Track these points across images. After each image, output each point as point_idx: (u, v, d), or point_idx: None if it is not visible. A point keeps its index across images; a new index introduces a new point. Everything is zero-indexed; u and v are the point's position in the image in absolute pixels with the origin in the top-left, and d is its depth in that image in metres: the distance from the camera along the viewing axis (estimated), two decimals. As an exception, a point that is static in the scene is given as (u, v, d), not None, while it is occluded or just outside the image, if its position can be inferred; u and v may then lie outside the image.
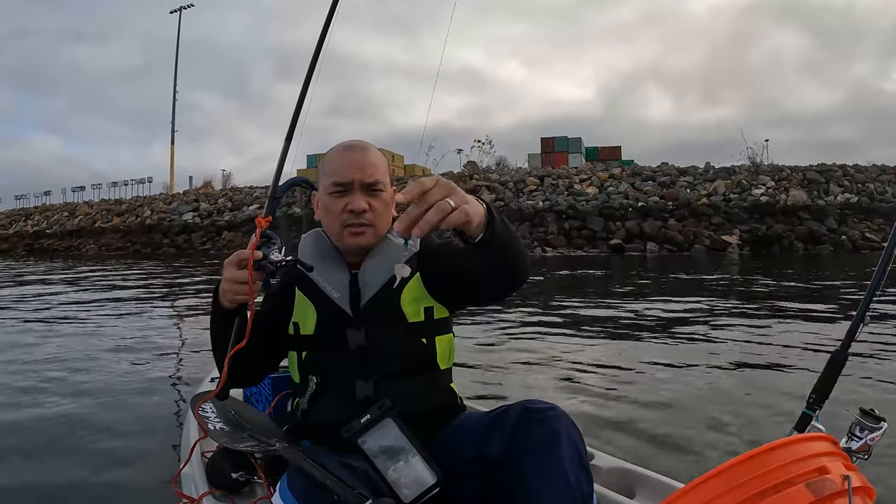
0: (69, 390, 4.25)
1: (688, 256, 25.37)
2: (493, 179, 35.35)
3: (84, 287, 13.56)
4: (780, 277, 14.10)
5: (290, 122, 1.83)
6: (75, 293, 12.15)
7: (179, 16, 60.56)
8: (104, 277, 16.88)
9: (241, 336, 1.54)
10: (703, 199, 30.89)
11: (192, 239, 36.57)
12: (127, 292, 12.32)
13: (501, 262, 1.43)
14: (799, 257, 23.88)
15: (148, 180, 51.73)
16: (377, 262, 1.67)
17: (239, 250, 1.55)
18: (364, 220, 1.64)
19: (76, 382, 4.49)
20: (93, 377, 4.66)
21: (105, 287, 13.51)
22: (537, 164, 43.15)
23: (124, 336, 6.74)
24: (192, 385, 4.18)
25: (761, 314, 7.99)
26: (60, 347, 5.89)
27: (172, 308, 9.99)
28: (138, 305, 9.99)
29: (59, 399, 4.03)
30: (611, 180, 33.69)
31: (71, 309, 9.35)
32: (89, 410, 3.79)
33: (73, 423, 3.54)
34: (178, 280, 15.68)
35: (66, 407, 3.85)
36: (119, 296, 11.63)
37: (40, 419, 3.61)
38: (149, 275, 18.05)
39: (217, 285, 1.61)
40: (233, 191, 42.72)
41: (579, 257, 25.24)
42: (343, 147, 1.70)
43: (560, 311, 8.73)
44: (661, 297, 10.32)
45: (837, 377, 1.48)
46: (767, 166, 34.63)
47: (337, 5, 1.91)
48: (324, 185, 1.69)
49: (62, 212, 47.79)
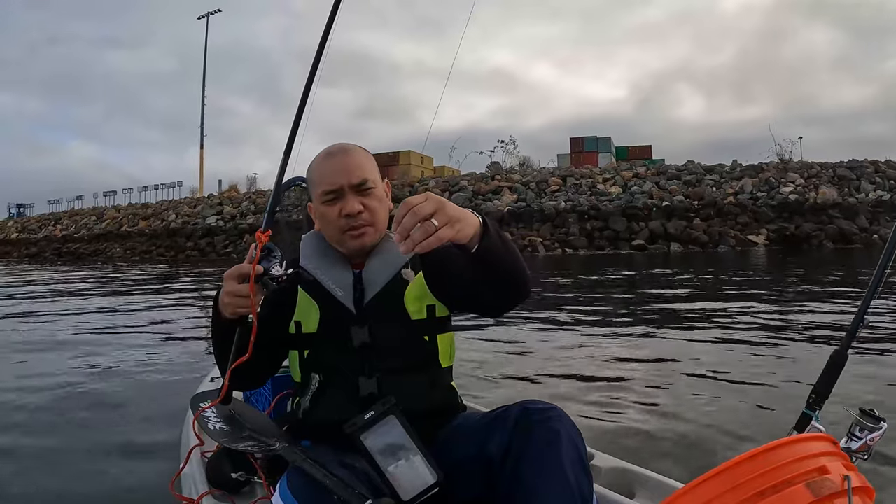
0: (67, 390, 4.33)
1: (713, 253, 25.10)
2: (515, 180, 35.18)
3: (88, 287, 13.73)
4: (797, 276, 13.94)
5: (290, 130, 1.85)
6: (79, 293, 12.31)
7: (207, 21, 61.17)
8: (112, 278, 17.09)
9: (244, 350, 1.55)
10: (729, 197, 30.36)
11: (215, 242, 36.84)
12: (127, 292, 12.48)
13: (495, 275, 1.47)
14: (828, 254, 23.46)
15: (178, 184, 52.16)
16: (380, 261, 1.68)
17: (238, 264, 1.57)
18: (362, 222, 1.65)
19: (74, 382, 4.56)
20: (92, 377, 4.75)
21: (109, 287, 13.68)
22: (566, 164, 42.90)
23: (123, 336, 6.84)
24: (191, 383, 4.22)
25: (763, 314, 7.92)
26: (58, 347, 5.97)
27: (171, 308, 10.11)
28: (137, 305, 10.12)
29: (58, 399, 4.10)
30: (635, 179, 33.27)
31: (71, 309, 9.49)
32: (88, 410, 3.85)
33: (71, 422, 3.61)
34: (182, 280, 15.84)
35: (64, 407, 3.92)
36: (117, 295, 11.77)
37: (39, 419, 3.68)
38: (156, 277, 18.29)
39: (217, 294, 1.62)
40: (256, 194, 42.93)
41: (600, 256, 25.08)
42: (324, 155, 1.72)
43: (559, 311, 8.70)
44: (660, 298, 10.29)
45: (837, 377, 1.47)
46: (797, 163, 33.88)
47: (339, 7, 1.93)
48: (316, 196, 1.70)
49: (90, 216, 48.53)
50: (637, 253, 26.63)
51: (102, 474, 2.79)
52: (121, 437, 3.31)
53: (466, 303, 1.69)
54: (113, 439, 3.28)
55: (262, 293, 1.56)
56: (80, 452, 3.08)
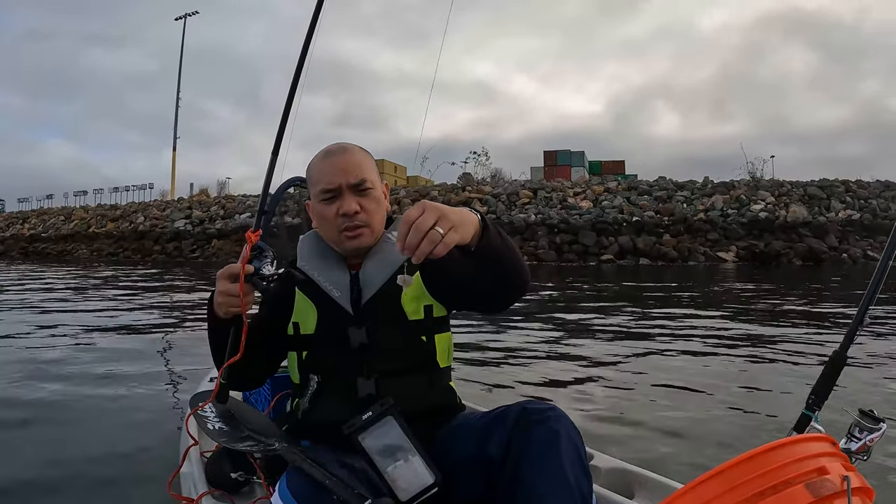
0: (65, 390, 4.23)
1: (684, 267, 25.33)
2: (485, 192, 35.26)
3: (73, 287, 13.53)
4: (779, 283, 14.14)
5: (275, 135, 1.87)
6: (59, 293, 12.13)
7: (184, 23, 60.66)
8: (99, 277, 16.86)
9: (236, 350, 1.56)
10: (700, 214, 30.63)
11: (183, 246, 36.32)
12: (122, 291, 12.31)
13: (496, 271, 1.49)
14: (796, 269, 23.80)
15: (149, 186, 51.50)
16: (377, 262, 1.69)
17: (230, 264, 1.58)
18: (358, 222, 1.66)
19: (72, 382, 4.46)
20: (90, 376, 4.64)
21: (95, 286, 13.48)
22: (539, 176, 43.10)
23: (122, 335, 6.74)
24: (191, 381, 4.18)
25: (760, 317, 8.02)
26: (54, 347, 5.86)
27: (171, 307, 9.98)
28: (135, 305, 9.98)
29: (56, 399, 4.01)
30: (606, 194, 33.48)
31: (58, 309, 9.33)
32: (86, 410, 3.78)
33: (69, 422, 3.53)
34: (174, 281, 15.67)
35: (62, 407, 3.84)
36: (113, 295, 11.60)
37: (37, 418, 3.60)
38: (145, 276, 18.05)
39: (212, 295, 1.63)
40: (226, 199, 42.48)
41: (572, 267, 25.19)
42: (323, 154, 1.73)
43: (559, 311, 8.74)
44: (658, 301, 10.37)
45: (837, 378, 1.48)
46: (767, 181, 34.34)
47: (320, 14, 1.94)
48: (314, 195, 1.71)
49: (59, 216, 47.63)
50: (606, 265, 26.80)
51: (101, 474, 2.75)
52: (120, 437, 3.25)
53: (466, 300, 1.69)
54: (112, 439, 3.22)
55: (253, 292, 1.57)
56: (79, 452, 3.02)
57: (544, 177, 42.87)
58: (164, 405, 3.89)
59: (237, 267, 1.55)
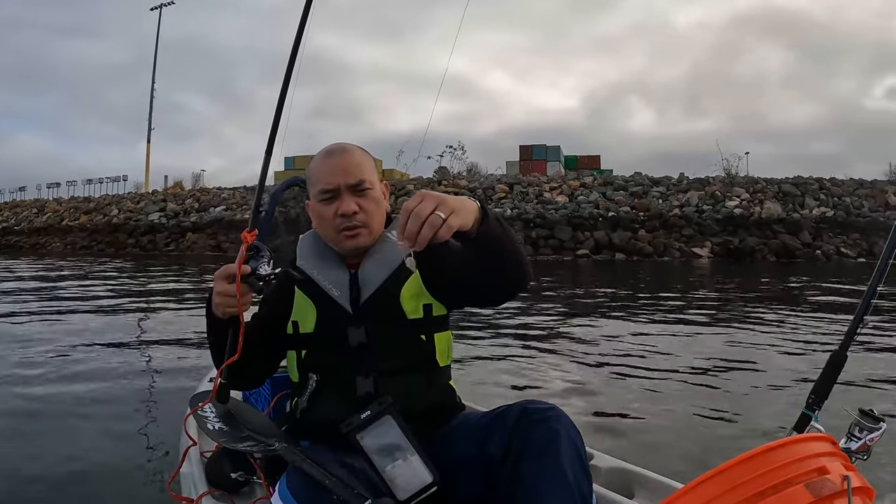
0: (63, 390, 4.21)
1: (660, 262, 25.48)
2: (461, 186, 35.07)
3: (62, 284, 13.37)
4: (774, 280, 14.25)
5: (269, 132, 1.86)
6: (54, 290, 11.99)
7: (160, 13, 59.83)
8: (92, 274, 16.67)
9: (234, 351, 1.56)
10: (675, 209, 30.80)
11: (157, 240, 35.94)
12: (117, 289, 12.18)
13: (496, 259, 1.48)
14: (770, 265, 24.00)
15: (123, 179, 50.44)
16: (376, 261, 1.69)
17: (227, 264, 1.58)
18: (357, 222, 1.66)
19: (70, 381, 4.44)
20: (88, 376, 4.60)
21: (88, 285, 13.32)
22: (515, 171, 43.02)
23: (120, 334, 6.68)
24: (189, 380, 4.16)
25: (759, 316, 8.09)
26: (51, 347, 5.80)
27: (169, 307, 9.88)
28: (134, 305, 9.89)
29: (54, 399, 3.98)
30: (582, 189, 33.49)
31: (51, 307, 9.21)
32: (85, 410, 3.75)
33: (68, 423, 3.51)
34: (173, 278, 15.53)
35: (61, 407, 3.80)
36: (106, 294, 11.47)
37: (36, 419, 3.57)
38: (143, 273, 17.87)
39: (210, 295, 1.63)
40: (201, 191, 41.96)
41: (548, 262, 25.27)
42: (324, 154, 1.72)
43: (558, 311, 8.76)
44: (654, 300, 10.42)
45: (836, 378, 1.50)
46: (743, 178, 34.50)
47: (309, 13, 1.94)
48: (313, 194, 1.71)
49: (31, 208, 46.81)
50: (581, 260, 26.91)
51: (100, 474, 2.74)
52: (119, 437, 3.25)
53: (466, 294, 1.69)
54: (111, 439, 3.22)
55: (251, 293, 1.56)
56: (79, 452, 3.01)
57: (520, 171, 42.80)
58: (163, 405, 3.87)
59: (234, 267, 1.54)
